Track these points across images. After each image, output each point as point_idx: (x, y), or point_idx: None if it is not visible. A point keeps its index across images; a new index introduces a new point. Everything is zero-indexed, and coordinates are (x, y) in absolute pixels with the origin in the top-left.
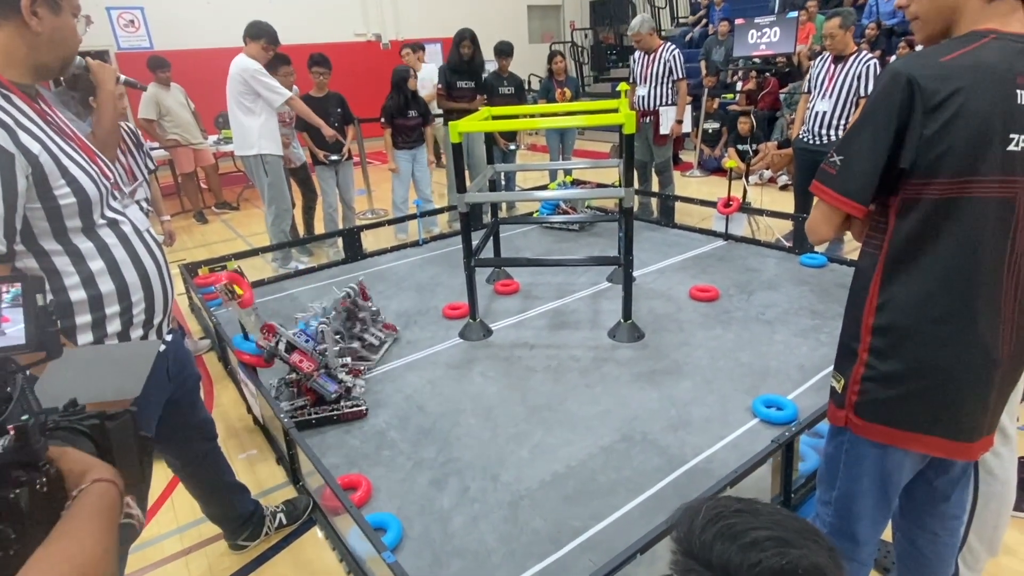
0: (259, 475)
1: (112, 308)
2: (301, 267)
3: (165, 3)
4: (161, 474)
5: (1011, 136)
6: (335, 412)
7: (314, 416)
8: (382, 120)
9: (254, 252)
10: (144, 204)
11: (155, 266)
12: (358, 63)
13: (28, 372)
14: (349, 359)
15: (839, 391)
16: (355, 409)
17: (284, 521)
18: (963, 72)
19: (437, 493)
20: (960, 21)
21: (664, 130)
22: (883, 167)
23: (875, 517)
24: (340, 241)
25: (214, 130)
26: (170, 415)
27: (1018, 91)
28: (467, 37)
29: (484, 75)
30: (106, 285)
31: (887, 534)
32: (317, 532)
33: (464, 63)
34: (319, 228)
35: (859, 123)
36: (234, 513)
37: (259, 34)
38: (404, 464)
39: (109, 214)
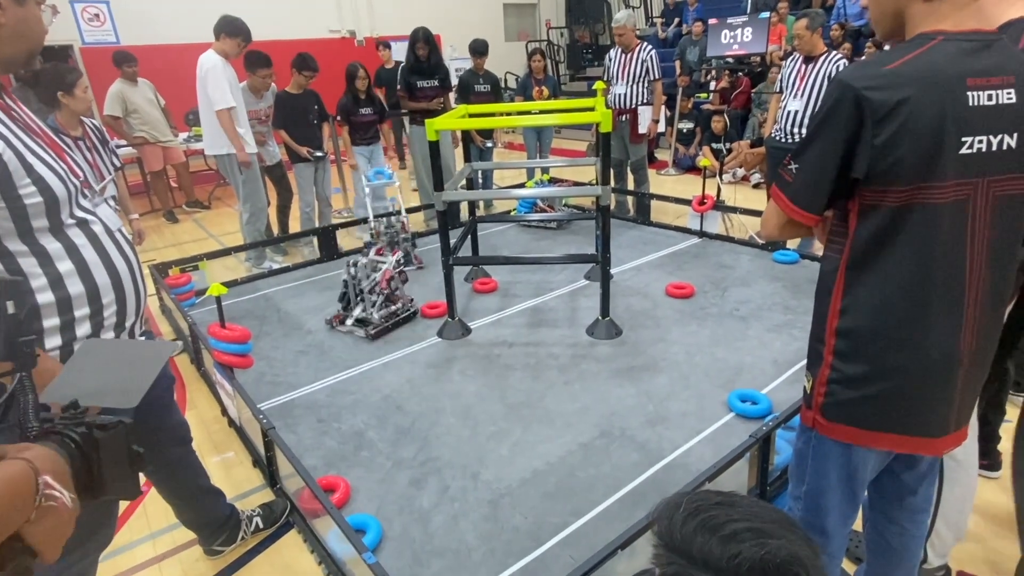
0: (235, 478)
1: (82, 311)
2: (275, 267)
3: None
4: None
5: (963, 139)
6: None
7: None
8: (337, 117)
9: (227, 252)
10: (111, 202)
11: (127, 267)
12: (332, 60)
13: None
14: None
15: (808, 391)
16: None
17: (261, 525)
18: (909, 80)
19: (417, 493)
20: (907, 23)
21: (642, 129)
22: (835, 178)
23: (843, 511)
24: (315, 240)
25: (185, 127)
26: (143, 419)
27: (968, 93)
28: (420, 38)
29: (457, 73)
30: (75, 287)
31: (859, 524)
32: (295, 535)
33: (422, 63)
34: (294, 227)
35: (811, 134)
36: (209, 518)
37: (236, 32)
38: (383, 464)
39: (79, 213)
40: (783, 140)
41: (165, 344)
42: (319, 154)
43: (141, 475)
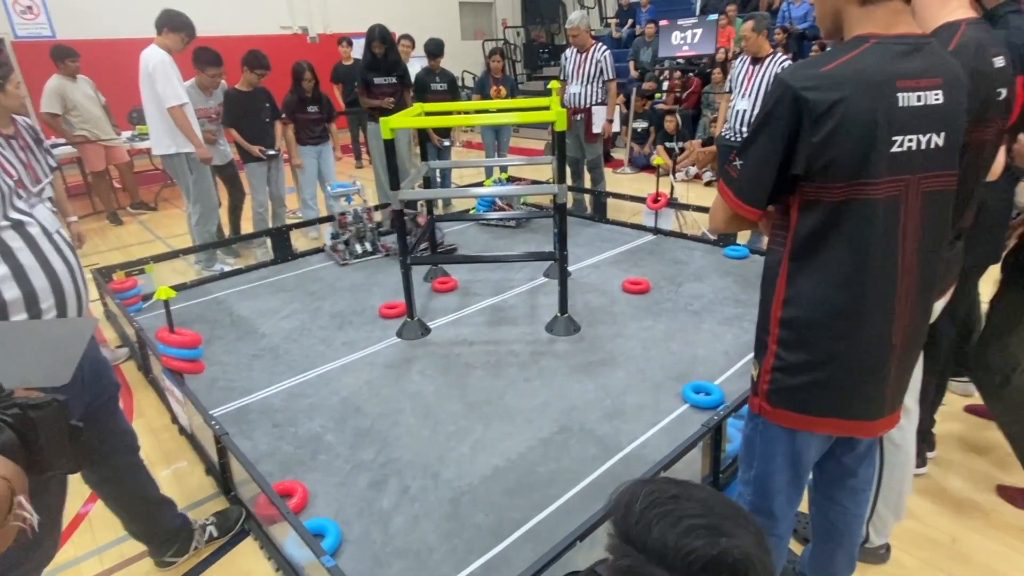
0: (187, 487)
1: (19, 316)
2: (227, 269)
3: None
4: (76, 491)
5: (894, 138)
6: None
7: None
8: (283, 115)
9: (175, 254)
10: (48, 203)
11: (67, 269)
12: (285, 57)
13: None
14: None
15: (755, 379)
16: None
17: (215, 534)
18: (843, 81)
19: (376, 495)
20: (844, 25)
21: (596, 129)
22: (776, 174)
23: (789, 494)
24: (269, 241)
25: (127, 126)
26: (88, 427)
27: (898, 94)
28: (376, 37)
29: (414, 71)
30: (11, 291)
31: (805, 507)
32: (252, 542)
33: (379, 61)
34: (246, 228)
35: (753, 132)
36: (159, 529)
37: (179, 26)
38: (342, 467)
39: (13, 215)
40: (733, 138)
41: (85, 320)
42: (272, 152)
43: (84, 486)
